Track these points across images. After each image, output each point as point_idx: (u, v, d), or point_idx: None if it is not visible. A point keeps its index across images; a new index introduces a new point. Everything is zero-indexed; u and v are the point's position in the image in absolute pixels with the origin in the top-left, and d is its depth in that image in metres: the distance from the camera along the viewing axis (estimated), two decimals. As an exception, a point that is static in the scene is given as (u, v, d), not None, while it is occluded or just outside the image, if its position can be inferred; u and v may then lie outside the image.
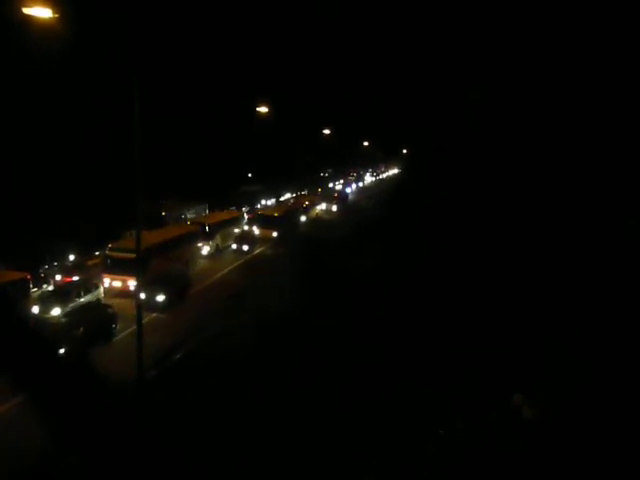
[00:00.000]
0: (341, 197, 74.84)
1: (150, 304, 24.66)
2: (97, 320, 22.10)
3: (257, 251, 41.49)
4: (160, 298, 25.79)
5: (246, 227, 46.29)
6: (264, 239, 43.65)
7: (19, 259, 28.16)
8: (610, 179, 26.72)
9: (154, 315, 25.10)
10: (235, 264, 37.00)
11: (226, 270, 35.29)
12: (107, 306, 24.02)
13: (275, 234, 44.33)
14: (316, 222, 56.47)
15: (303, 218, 55.35)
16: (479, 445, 12.05)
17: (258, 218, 46.92)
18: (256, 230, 44.93)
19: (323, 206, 66.44)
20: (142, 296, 24.04)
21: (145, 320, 22.08)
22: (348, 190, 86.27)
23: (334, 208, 66.77)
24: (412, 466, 12.09)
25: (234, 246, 40.74)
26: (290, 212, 51.06)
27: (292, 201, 66.68)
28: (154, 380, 18.37)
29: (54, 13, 15.83)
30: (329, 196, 72.68)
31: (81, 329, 20.65)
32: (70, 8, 16.38)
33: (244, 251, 40.16)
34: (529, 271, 24.75)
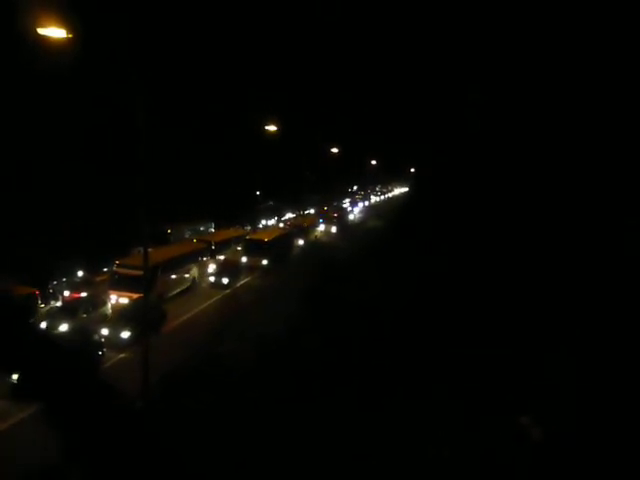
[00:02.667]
0: (341, 217, 69.74)
1: (114, 341, 22.62)
2: (82, 346, 20.64)
3: (242, 282, 35.92)
4: (125, 335, 22.87)
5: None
6: (253, 267, 38.73)
7: (28, 274, 28.31)
8: (610, 180, 26.73)
9: (121, 355, 22.16)
10: (205, 304, 30.64)
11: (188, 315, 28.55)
12: (94, 331, 22.46)
13: (265, 262, 39.13)
14: (314, 246, 51.37)
15: (300, 242, 50.30)
16: (485, 464, 11.97)
17: (245, 244, 41.02)
18: (243, 257, 39.51)
19: (322, 227, 62.04)
20: (105, 332, 22.80)
21: (108, 364, 21.04)
22: (356, 209, 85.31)
23: (333, 229, 62.32)
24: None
25: (212, 279, 34.55)
26: (283, 236, 45.39)
27: (289, 222, 61.70)
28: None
29: (67, 33, 16.21)
30: (328, 216, 66.89)
31: None
32: (72, 12, 16.70)
33: (224, 285, 33.89)
34: (531, 278, 24.74)
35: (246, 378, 19.04)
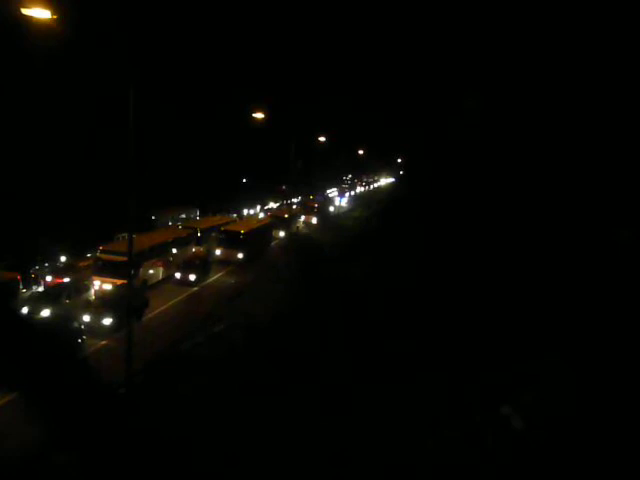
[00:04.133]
0: (323, 208, 65.96)
1: (95, 328, 22.04)
2: (59, 335, 19.97)
3: (212, 278, 32.98)
4: (107, 321, 22.29)
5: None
6: (227, 262, 36.31)
7: (9, 259, 28.01)
8: (605, 191, 27.08)
9: (102, 343, 21.59)
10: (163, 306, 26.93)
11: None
12: (72, 319, 21.62)
13: (241, 255, 36.63)
14: (295, 239, 47.90)
15: (281, 233, 48.05)
16: (465, 451, 12.13)
17: (220, 236, 38.18)
18: (217, 250, 37.12)
19: (302, 218, 58.82)
20: (86, 319, 22.23)
21: (90, 350, 20.44)
22: (343, 199, 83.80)
23: (314, 220, 59.24)
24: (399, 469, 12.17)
25: (177, 275, 31.25)
26: (261, 227, 42.52)
27: (269, 213, 58.83)
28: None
29: (53, 14, 15.88)
30: (309, 206, 63.32)
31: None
32: (70, 8, 16.39)
33: (191, 282, 30.69)
34: (525, 281, 25.04)
35: (229, 366, 19.05)
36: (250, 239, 37.88)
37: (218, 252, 37.23)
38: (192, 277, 31.10)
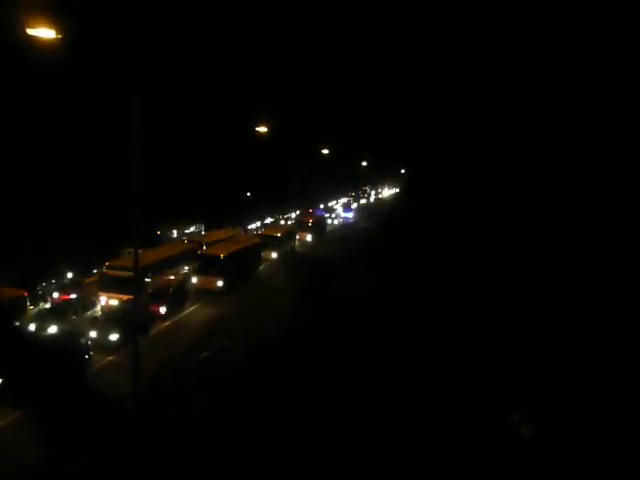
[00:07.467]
0: (318, 224, 58.02)
1: (102, 344, 22.02)
2: (66, 351, 19.98)
3: (187, 311, 28.47)
4: (113, 337, 22.24)
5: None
6: (205, 291, 31.35)
7: (17, 276, 28.12)
8: (605, 191, 27.07)
9: (109, 358, 21.59)
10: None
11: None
12: (79, 335, 21.68)
13: (220, 283, 31.53)
14: (288, 258, 43.09)
15: (273, 254, 42.18)
16: (473, 459, 12.09)
17: (199, 260, 33.36)
18: (194, 277, 32.43)
19: (297, 236, 52.48)
20: (93, 335, 22.26)
21: (97, 366, 20.51)
22: (350, 214, 78.58)
23: (309, 238, 53.25)
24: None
25: None
26: (246, 249, 36.74)
27: (258, 232, 53.01)
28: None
29: (57, 34, 16.09)
30: (303, 222, 56.63)
31: None
32: (70, 15, 16.57)
33: (161, 315, 26.16)
34: (529, 286, 24.99)
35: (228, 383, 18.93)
36: (232, 263, 32.67)
37: (195, 279, 32.42)
38: (162, 309, 26.40)
